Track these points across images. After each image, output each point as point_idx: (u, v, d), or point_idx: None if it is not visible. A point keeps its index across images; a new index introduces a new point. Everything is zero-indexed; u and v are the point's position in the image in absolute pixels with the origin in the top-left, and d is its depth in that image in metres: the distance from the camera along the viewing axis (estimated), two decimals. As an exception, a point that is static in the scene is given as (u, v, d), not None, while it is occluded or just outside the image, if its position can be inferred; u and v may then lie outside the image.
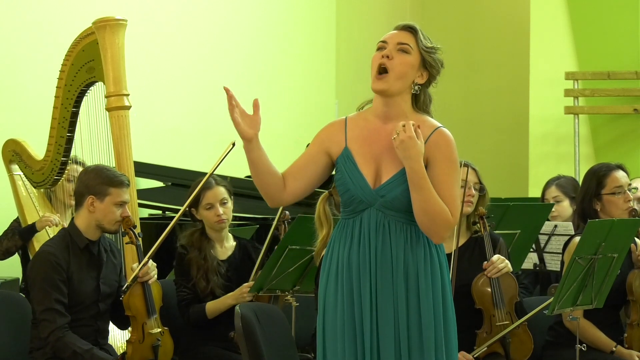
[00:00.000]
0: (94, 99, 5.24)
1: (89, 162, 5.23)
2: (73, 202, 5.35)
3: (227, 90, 3.38)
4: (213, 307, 4.94)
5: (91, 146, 5.20)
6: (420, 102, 3.44)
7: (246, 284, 4.92)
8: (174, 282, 5.04)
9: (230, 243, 5.13)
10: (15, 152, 5.50)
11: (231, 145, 4.63)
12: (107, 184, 4.49)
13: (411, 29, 3.42)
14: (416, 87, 3.42)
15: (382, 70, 3.38)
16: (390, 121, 3.41)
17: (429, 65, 3.43)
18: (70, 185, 5.41)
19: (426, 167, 3.35)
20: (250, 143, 3.43)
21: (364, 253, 3.36)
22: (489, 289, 4.54)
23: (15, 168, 5.56)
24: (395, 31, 3.44)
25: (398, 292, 3.34)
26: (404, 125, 3.28)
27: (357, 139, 3.43)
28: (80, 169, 5.33)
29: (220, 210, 4.97)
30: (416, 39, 3.40)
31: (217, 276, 4.95)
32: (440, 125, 3.43)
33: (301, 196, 3.51)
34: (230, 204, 5.04)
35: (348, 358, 3.36)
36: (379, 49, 3.42)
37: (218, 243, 5.06)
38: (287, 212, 5.36)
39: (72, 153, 5.34)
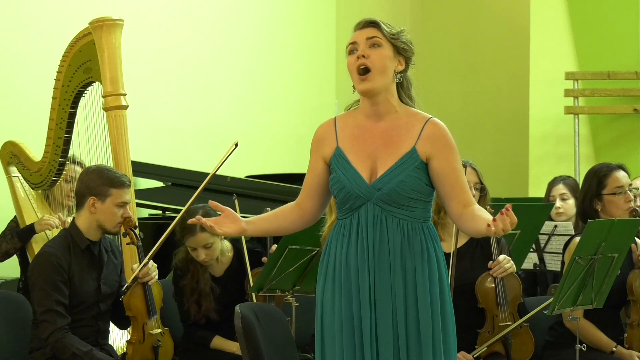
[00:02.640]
0: (91, 99, 5.24)
1: (87, 162, 5.22)
2: (70, 203, 5.36)
3: (199, 221, 3.39)
4: (219, 343, 4.96)
5: (89, 146, 5.20)
6: (404, 88, 3.45)
7: None
8: (174, 299, 5.03)
9: (227, 255, 5.10)
10: (13, 154, 5.49)
11: (234, 146, 4.61)
12: (108, 184, 4.48)
13: (372, 23, 3.42)
14: (399, 76, 3.43)
15: (363, 71, 3.38)
16: (382, 119, 3.43)
17: (402, 50, 3.43)
18: (68, 185, 5.41)
19: (428, 162, 3.36)
20: (247, 230, 3.48)
21: (362, 250, 3.35)
22: (494, 289, 4.54)
23: (14, 170, 5.55)
24: (357, 31, 3.44)
25: (396, 288, 3.33)
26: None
27: (349, 138, 3.44)
28: (78, 169, 5.32)
29: (203, 255, 4.92)
30: (381, 30, 3.40)
31: (209, 299, 4.92)
32: (429, 115, 3.44)
33: (324, 208, 3.56)
34: (217, 244, 4.96)
35: (347, 357, 3.35)
36: (351, 51, 3.42)
37: (213, 260, 5.02)
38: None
39: (70, 153, 5.34)
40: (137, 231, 4.61)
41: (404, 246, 3.35)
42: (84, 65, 5.19)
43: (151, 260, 4.58)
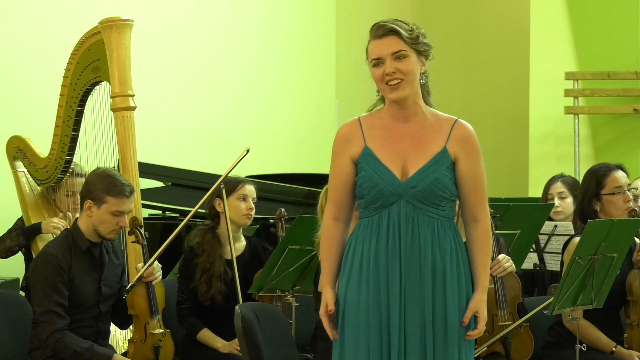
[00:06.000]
0: (99, 99, 5.23)
1: (93, 162, 5.21)
2: (76, 215, 5.35)
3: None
4: (206, 336, 4.92)
5: (96, 146, 5.19)
6: (426, 83, 3.47)
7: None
8: (177, 281, 5.02)
9: (241, 243, 5.12)
10: (19, 149, 5.50)
11: (245, 152, 4.63)
12: (105, 191, 4.44)
13: (393, 32, 3.39)
14: (424, 77, 3.45)
15: (396, 84, 3.39)
16: (409, 120, 3.44)
17: (423, 51, 3.43)
18: (70, 199, 5.41)
19: (455, 162, 3.40)
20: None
21: (394, 246, 3.36)
22: (493, 289, 4.54)
23: (19, 165, 5.56)
24: (377, 40, 3.40)
25: (424, 285, 3.35)
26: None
27: (377, 139, 3.43)
28: (80, 181, 5.30)
29: (251, 204, 4.99)
30: (402, 39, 3.38)
31: (220, 282, 4.91)
32: (455, 117, 3.48)
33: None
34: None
35: (373, 353, 3.36)
36: (375, 65, 3.40)
37: (229, 244, 5.04)
38: (282, 209, 5.35)
39: (76, 158, 5.32)
40: (142, 230, 4.61)
41: (434, 244, 3.37)
42: (92, 64, 5.18)
43: (156, 261, 4.58)
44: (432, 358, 3.33)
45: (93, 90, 5.24)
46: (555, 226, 5.70)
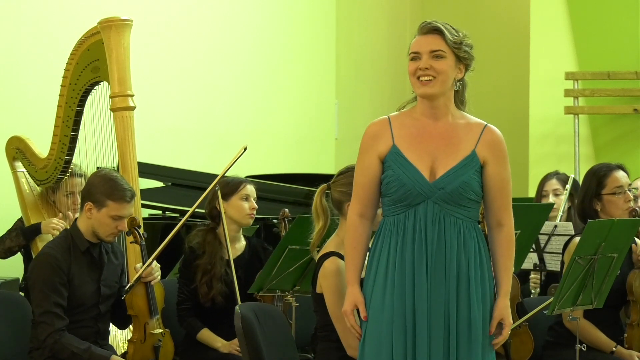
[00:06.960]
0: (99, 99, 5.23)
1: (93, 163, 5.21)
2: (76, 215, 5.35)
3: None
4: (206, 336, 4.92)
5: (95, 146, 5.19)
6: (459, 93, 3.52)
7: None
8: (178, 282, 5.02)
9: (241, 243, 5.11)
10: (19, 150, 5.50)
11: (243, 150, 4.62)
12: (106, 195, 4.44)
13: (437, 31, 3.43)
14: (458, 84, 3.49)
15: (427, 80, 3.42)
16: (439, 119, 3.47)
17: (463, 58, 3.49)
18: (69, 199, 5.40)
19: (483, 166, 3.44)
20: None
21: (420, 246, 3.38)
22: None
23: (19, 165, 5.56)
24: (421, 36, 3.45)
25: (449, 287, 3.37)
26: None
27: (406, 137, 3.46)
28: (82, 181, 5.30)
29: (254, 204, 5.00)
30: (445, 39, 3.42)
31: (221, 283, 4.91)
32: (485, 122, 3.53)
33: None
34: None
35: (397, 355, 3.36)
36: (413, 59, 3.45)
37: (229, 243, 5.02)
38: (286, 209, 5.36)
39: (76, 158, 5.32)
40: (141, 230, 4.60)
41: (460, 245, 3.39)
42: (92, 64, 5.18)
43: (155, 261, 4.58)
44: (456, 358, 3.36)
45: (92, 90, 5.24)
46: (555, 226, 5.70)
